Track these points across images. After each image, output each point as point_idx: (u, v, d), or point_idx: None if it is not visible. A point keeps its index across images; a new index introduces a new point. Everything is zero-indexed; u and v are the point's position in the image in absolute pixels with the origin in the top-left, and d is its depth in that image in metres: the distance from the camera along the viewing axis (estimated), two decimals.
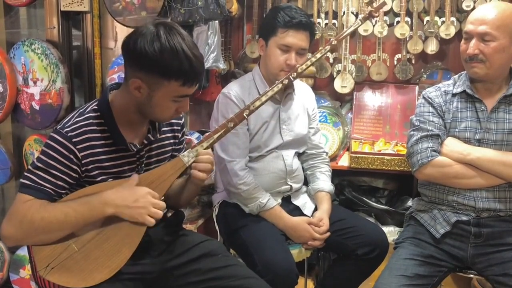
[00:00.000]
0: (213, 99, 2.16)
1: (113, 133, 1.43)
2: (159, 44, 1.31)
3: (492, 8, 1.72)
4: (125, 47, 1.38)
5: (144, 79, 1.35)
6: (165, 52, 1.31)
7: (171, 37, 1.32)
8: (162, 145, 1.57)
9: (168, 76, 1.34)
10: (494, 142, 1.77)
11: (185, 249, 1.61)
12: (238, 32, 2.95)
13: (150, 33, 1.33)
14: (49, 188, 1.36)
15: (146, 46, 1.32)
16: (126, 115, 1.45)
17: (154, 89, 1.36)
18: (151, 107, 1.40)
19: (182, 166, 1.48)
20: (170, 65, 1.32)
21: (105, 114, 1.43)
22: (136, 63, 1.36)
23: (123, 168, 1.46)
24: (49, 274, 1.38)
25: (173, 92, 1.37)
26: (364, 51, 2.73)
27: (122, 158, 1.46)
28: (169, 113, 1.43)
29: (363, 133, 2.71)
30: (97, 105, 1.45)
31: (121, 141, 1.44)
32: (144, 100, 1.39)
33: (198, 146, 1.50)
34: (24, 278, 2.31)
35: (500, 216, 1.78)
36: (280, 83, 1.61)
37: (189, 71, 1.34)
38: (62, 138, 1.37)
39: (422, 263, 1.74)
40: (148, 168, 1.53)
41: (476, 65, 1.74)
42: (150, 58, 1.32)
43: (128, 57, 1.39)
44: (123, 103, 1.44)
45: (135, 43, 1.33)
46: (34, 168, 1.36)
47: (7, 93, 2.15)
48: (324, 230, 1.92)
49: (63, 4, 2.08)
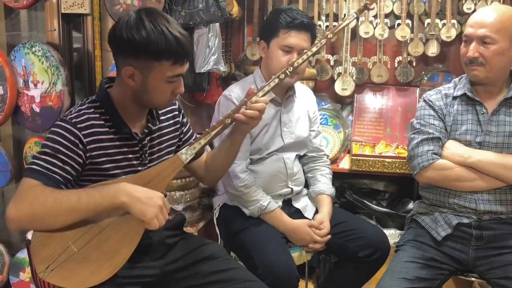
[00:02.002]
0: (214, 101, 2.16)
1: (116, 121, 1.44)
2: (144, 29, 1.34)
3: (492, 11, 1.72)
4: (112, 38, 1.40)
5: (135, 65, 1.37)
6: (151, 34, 1.33)
7: (154, 20, 1.35)
8: (163, 133, 1.58)
9: (158, 57, 1.35)
10: (495, 144, 1.76)
11: (185, 252, 1.61)
12: (238, 35, 2.95)
13: (133, 20, 1.35)
14: (57, 173, 1.35)
15: (132, 33, 1.34)
16: (124, 107, 1.46)
17: (147, 74, 1.38)
18: (147, 93, 1.41)
19: (181, 163, 1.48)
20: (158, 46, 1.34)
21: (106, 104, 1.44)
22: (125, 51, 1.38)
23: (127, 156, 1.46)
24: (49, 276, 1.37)
25: (166, 73, 1.38)
26: (365, 54, 2.73)
27: (126, 147, 1.46)
28: (165, 96, 1.44)
29: (364, 135, 2.71)
30: (97, 97, 1.47)
31: (125, 129, 1.44)
32: (139, 87, 1.40)
33: (196, 143, 1.50)
34: (24, 281, 2.30)
35: (501, 219, 1.78)
36: (277, 78, 1.60)
37: (178, 49, 1.36)
38: (67, 124, 1.38)
39: (423, 266, 1.73)
40: (151, 157, 1.54)
41: (476, 68, 1.74)
42: (138, 43, 1.34)
43: (116, 47, 1.41)
44: (120, 96, 1.45)
45: (120, 32, 1.35)
46: (41, 154, 1.36)
47: (7, 95, 2.15)
48: (325, 233, 1.92)
49: (63, 6, 2.08)
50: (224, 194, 2.05)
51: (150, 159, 1.53)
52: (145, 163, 1.51)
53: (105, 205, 1.35)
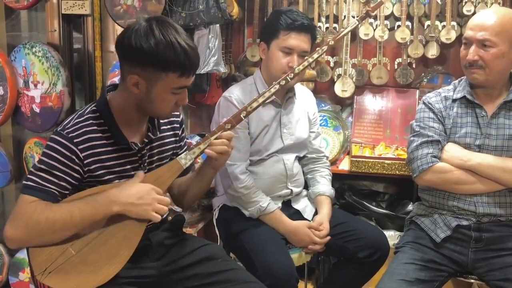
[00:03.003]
0: (214, 102, 2.16)
1: (114, 132, 1.43)
2: (153, 38, 1.33)
3: (492, 14, 1.72)
4: (120, 45, 1.39)
5: (141, 74, 1.36)
6: (160, 45, 1.32)
7: (164, 30, 1.34)
8: (163, 143, 1.58)
9: (165, 68, 1.35)
10: (494, 148, 1.77)
11: (185, 253, 1.61)
12: (239, 36, 2.96)
13: (143, 29, 1.34)
14: (53, 188, 1.35)
15: (141, 41, 1.33)
16: (125, 114, 1.45)
17: (152, 83, 1.37)
18: (150, 102, 1.41)
19: (180, 168, 1.48)
20: (166, 57, 1.33)
21: (105, 114, 1.43)
22: (132, 59, 1.37)
23: (125, 167, 1.46)
24: (47, 279, 1.37)
25: (171, 84, 1.38)
26: (365, 55, 2.73)
27: (124, 158, 1.46)
28: (169, 106, 1.44)
29: (363, 137, 2.71)
30: (96, 106, 1.46)
31: (122, 140, 1.44)
32: (143, 96, 1.40)
33: (196, 148, 1.50)
34: (24, 281, 2.30)
35: (500, 221, 1.78)
36: (277, 84, 1.61)
37: (186, 62, 1.35)
38: (63, 139, 1.37)
39: (422, 267, 1.74)
40: (150, 166, 1.53)
41: (476, 71, 1.74)
42: (146, 53, 1.33)
43: (123, 54, 1.40)
44: (122, 102, 1.44)
45: (129, 40, 1.34)
46: (36, 170, 1.36)
47: (7, 95, 2.15)
48: (324, 234, 1.92)
49: (64, 7, 2.08)
50: (223, 195, 2.05)
51: (149, 169, 1.52)
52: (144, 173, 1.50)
53: (100, 217, 1.37)
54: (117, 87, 1.48)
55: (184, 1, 2.14)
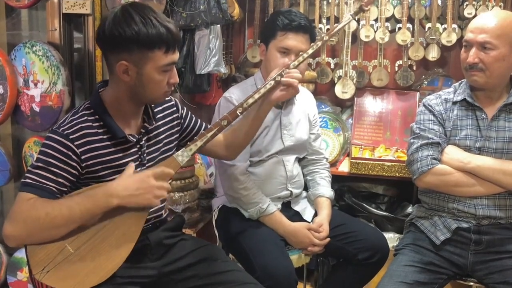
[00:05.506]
0: (214, 103, 2.16)
1: (110, 126, 1.43)
2: (133, 22, 1.35)
3: (493, 17, 1.72)
4: (101, 36, 1.40)
5: (129, 59, 1.37)
6: (141, 26, 1.35)
7: (142, 12, 1.37)
8: (161, 131, 1.58)
9: (150, 47, 1.36)
10: (494, 150, 1.77)
11: (184, 254, 1.61)
12: (239, 37, 2.96)
13: (121, 15, 1.37)
14: (50, 185, 1.35)
15: (123, 27, 1.35)
16: (119, 107, 1.46)
17: (142, 66, 1.38)
18: (143, 86, 1.41)
19: (177, 165, 1.47)
20: (150, 36, 1.35)
21: (99, 110, 1.44)
22: (117, 47, 1.38)
23: (125, 160, 1.46)
24: (45, 277, 1.36)
25: (160, 62, 1.39)
26: (365, 57, 2.74)
27: (123, 151, 1.46)
28: (161, 87, 1.44)
29: (363, 139, 2.72)
30: (89, 103, 1.46)
31: (119, 133, 1.44)
32: (134, 82, 1.40)
33: (192, 145, 1.50)
34: (22, 281, 2.30)
35: (500, 224, 1.78)
36: (272, 80, 1.61)
37: (169, 37, 1.38)
38: (58, 136, 1.38)
39: (422, 270, 1.73)
40: (150, 157, 1.53)
41: (476, 73, 1.74)
42: (129, 36, 1.35)
43: (107, 45, 1.41)
44: (115, 95, 1.45)
45: (110, 29, 1.36)
46: (34, 168, 1.36)
47: (7, 94, 2.14)
48: (323, 236, 1.92)
49: (65, 6, 2.08)
50: (223, 196, 2.05)
51: (148, 159, 1.53)
52: (144, 163, 1.51)
53: (98, 212, 1.36)
54: (108, 83, 1.49)
55: (185, 2, 2.14)
